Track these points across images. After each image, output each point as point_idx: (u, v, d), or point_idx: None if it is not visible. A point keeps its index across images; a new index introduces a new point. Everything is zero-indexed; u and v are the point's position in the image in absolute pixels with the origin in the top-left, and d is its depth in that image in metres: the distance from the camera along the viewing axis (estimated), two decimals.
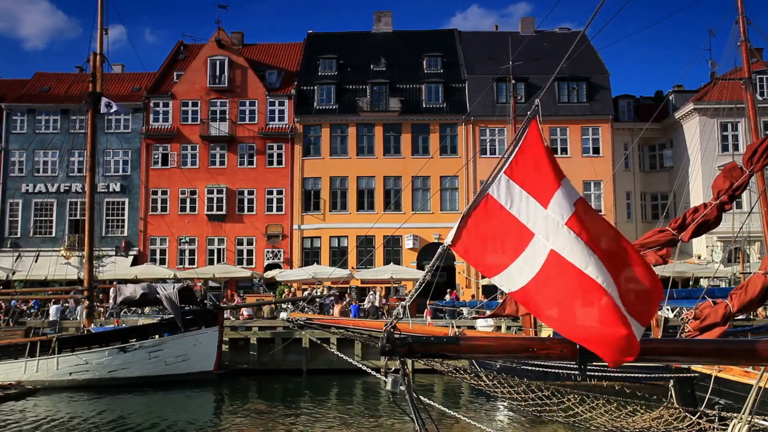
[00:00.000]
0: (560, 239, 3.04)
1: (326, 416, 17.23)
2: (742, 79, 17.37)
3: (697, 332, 5.65)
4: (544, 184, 3.14)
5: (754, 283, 5.55)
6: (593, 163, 36.18)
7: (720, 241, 33.42)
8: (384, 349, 3.08)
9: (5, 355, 21.20)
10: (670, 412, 7.55)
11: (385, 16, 45.25)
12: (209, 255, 37.64)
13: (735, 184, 6.12)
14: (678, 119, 37.49)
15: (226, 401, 20.14)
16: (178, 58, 43.38)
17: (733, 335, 12.39)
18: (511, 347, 3.32)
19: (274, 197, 38.20)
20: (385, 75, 39.81)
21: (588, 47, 36.38)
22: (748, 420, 4.88)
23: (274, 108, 39.02)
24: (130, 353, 21.41)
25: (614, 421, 7.48)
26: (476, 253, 3.19)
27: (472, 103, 36.96)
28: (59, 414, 17.35)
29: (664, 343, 3.29)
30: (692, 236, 6.36)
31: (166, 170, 38.28)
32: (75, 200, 37.56)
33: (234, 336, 24.83)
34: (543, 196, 3.13)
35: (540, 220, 3.12)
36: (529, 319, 19.38)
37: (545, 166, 3.17)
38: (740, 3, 16.51)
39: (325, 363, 23.42)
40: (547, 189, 3.13)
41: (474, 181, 36.82)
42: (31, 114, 39.17)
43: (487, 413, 16.45)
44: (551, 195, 3.12)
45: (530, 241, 3.09)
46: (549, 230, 3.07)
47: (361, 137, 38.36)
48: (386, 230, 34.53)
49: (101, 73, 24.78)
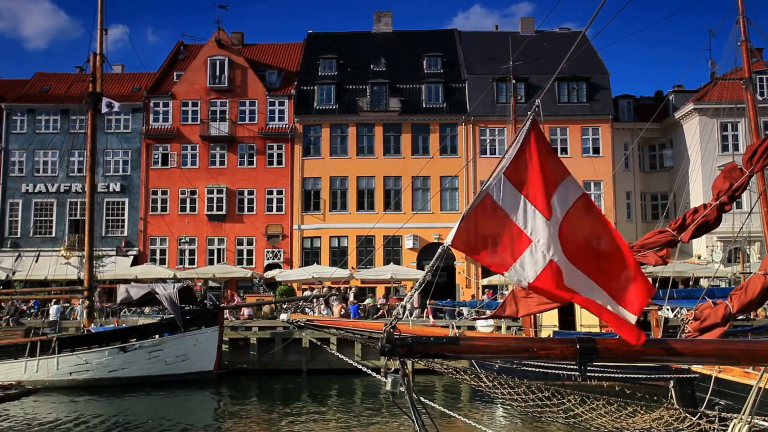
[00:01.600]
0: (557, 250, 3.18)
1: (326, 416, 17.23)
2: (743, 79, 17.37)
3: (697, 333, 5.64)
4: (544, 190, 3.20)
5: (754, 284, 5.54)
6: (593, 163, 36.17)
7: (720, 241, 33.42)
8: (384, 349, 3.08)
9: (5, 355, 21.19)
10: (671, 412, 7.55)
11: (385, 16, 45.25)
12: (209, 255, 37.64)
13: (735, 185, 6.12)
14: (678, 119, 37.49)
15: (226, 401, 20.13)
16: (178, 58, 43.39)
17: (732, 335, 12.39)
18: (511, 348, 3.32)
19: (274, 197, 38.20)
20: (385, 75, 39.81)
21: (588, 47, 36.38)
22: (748, 420, 4.87)
23: (274, 108, 39.03)
24: (130, 353, 21.41)
25: (614, 421, 7.47)
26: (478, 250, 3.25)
27: (472, 103, 36.96)
28: (59, 414, 17.34)
29: (665, 344, 3.29)
30: (692, 237, 6.35)
31: (166, 170, 38.28)
32: (75, 200, 37.57)
33: (234, 336, 24.82)
34: (543, 202, 3.19)
35: (540, 227, 3.19)
36: (529, 320, 19.38)
37: (544, 169, 3.21)
38: (740, 3, 16.52)
39: (325, 363, 23.40)
40: (545, 195, 3.19)
41: (474, 181, 36.81)
42: (31, 114, 39.18)
43: (487, 414, 16.45)
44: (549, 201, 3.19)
45: (528, 247, 3.17)
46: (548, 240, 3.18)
47: (361, 137, 38.37)
48: (386, 230, 34.54)
49: (101, 73, 24.78)
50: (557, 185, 3.24)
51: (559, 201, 3.21)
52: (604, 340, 3.26)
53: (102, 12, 24.49)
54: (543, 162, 3.22)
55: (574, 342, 3.12)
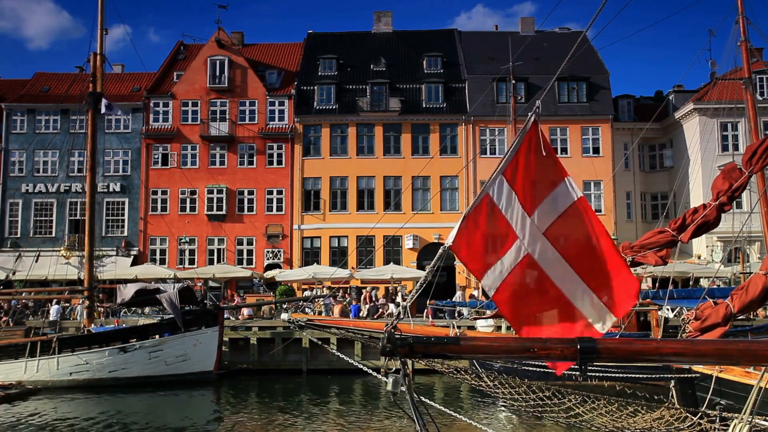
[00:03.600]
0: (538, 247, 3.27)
1: (326, 416, 17.24)
2: (742, 79, 17.38)
3: (698, 333, 5.65)
4: (537, 190, 3.28)
5: (755, 284, 5.55)
6: (593, 163, 36.17)
7: (720, 241, 33.42)
8: (385, 349, 3.08)
9: (6, 355, 21.20)
10: (671, 412, 7.55)
11: (385, 16, 45.25)
12: (209, 255, 37.64)
13: (734, 185, 6.12)
14: (678, 119, 37.49)
15: (226, 401, 20.13)
16: (178, 58, 43.38)
17: (732, 335, 12.39)
18: (512, 348, 3.32)
19: (274, 197, 38.20)
20: (385, 75, 39.81)
21: (588, 47, 36.39)
22: (749, 420, 4.88)
23: (274, 108, 39.02)
24: (130, 353, 21.42)
25: (615, 421, 7.47)
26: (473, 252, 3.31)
27: (472, 103, 36.97)
28: (60, 414, 17.35)
29: (665, 344, 3.29)
30: (692, 237, 6.35)
31: (166, 170, 38.28)
32: (75, 200, 37.57)
33: (234, 336, 24.83)
34: (531, 202, 3.27)
35: (524, 225, 3.29)
36: None
37: (542, 170, 3.26)
38: (740, 3, 16.53)
39: (325, 363, 23.41)
40: (537, 195, 3.27)
41: (474, 182, 36.81)
42: (31, 114, 39.17)
43: (487, 413, 16.45)
44: (540, 201, 3.27)
45: (513, 243, 3.26)
46: (530, 236, 3.26)
47: (361, 137, 38.36)
48: (386, 230, 34.54)
49: (101, 73, 24.77)
50: (554, 187, 3.29)
51: (553, 202, 3.29)
52: (605, 340, 3.27)
53: (102, 12, 24.48)
54: (538, 163, 3.27)
55: (574, 342, 3.12)
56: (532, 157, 3.28)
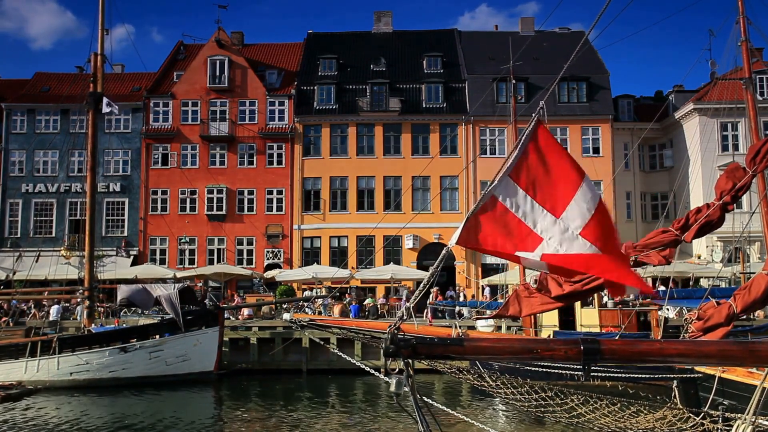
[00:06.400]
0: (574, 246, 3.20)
1: (326, 416, 17.22)
2: (743, 79, 17.35)
3: (700, 333, 5.64)
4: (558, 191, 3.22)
5: (758, 284, 5.54)
6: (593, 163, 36.08)
7: (720, 241, 33.40)
8: (388, 350, 3.07)
9: (6, 355, 21.19)
10: (674, 412, 7.54)
11: (385, 16, 45.23)
12: (209, 255, 37.61)
13: (738, 185, 6.11)
14: (678, 119, 37.47)
15: (226, 401, 20.13)
16: (178, 58, 43.35)
17: (733, 335, 12.36)
18: (515, 349, 3.31)
19: (274, 197, 38.18)
20: (385, 75, 39.79)
21: (588, 47, 36.33)
22: (752, 421, 4.86)
23: (274, 108, 38.99)
24: (130, 353, 21.40)
25: (618, 421, 7.46)
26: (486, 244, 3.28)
27: (472, 103, 36.95)
28: (60, 414, 17.33)
29: (669, 345, 3.28)
30: (695, 237, 6.34)
31: (166, 170, 38.25)
32: (75, 200, 37.55)
33: (234, 336, 24.81)
34: (555, 203, 3.22)
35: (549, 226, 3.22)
36: (530, 320, 19.40)
37: (558, 172, 3.23)
38: (740, 3, 16.50)
39: (325, 363, 23.41)
40: (560, 196, 3.22)
41: (474, 182, 36.80)
42: (31, 114, 39.14)
43: (488, 413, 16.44)
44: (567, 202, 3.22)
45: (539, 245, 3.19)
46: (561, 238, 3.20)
47: (361, 137, 38.33)
48: (386, 230, 34.51)
49: (102, 73, 24.75)
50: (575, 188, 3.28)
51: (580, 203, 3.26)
52: (608, 341, 3.26)
53: (103, 12, 24.45)
54: (556, 165, 3.24)
55: (578, 343, 3.11)
56: (545, 159, 3.26)
